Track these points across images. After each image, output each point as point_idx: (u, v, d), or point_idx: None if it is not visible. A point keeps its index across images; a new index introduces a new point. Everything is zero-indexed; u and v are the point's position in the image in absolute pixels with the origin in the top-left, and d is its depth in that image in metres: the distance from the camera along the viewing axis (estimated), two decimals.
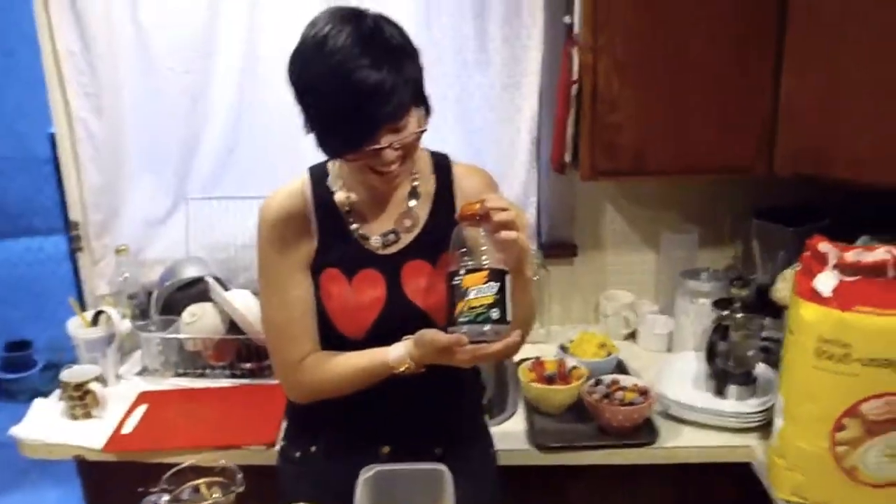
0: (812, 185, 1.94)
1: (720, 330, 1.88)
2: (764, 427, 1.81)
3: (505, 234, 1.25)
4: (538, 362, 1.98)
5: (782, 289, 1.84)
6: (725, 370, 1.90)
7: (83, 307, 2.28)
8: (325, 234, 1.44)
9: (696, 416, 1.87)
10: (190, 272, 2.22)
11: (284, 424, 1.64)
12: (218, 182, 2.31)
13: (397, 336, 1.39)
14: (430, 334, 1.33)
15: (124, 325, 2.15)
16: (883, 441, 1.48)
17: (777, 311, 1.97)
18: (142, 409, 1.98)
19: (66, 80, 2.16)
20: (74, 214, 2.31)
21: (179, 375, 2.13)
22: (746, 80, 1.88)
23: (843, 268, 1.49)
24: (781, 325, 1.88)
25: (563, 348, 2.12)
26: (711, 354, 1.90)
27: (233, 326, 2.11)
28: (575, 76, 1.88)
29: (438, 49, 2.13)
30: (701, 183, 2.27)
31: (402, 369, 1.38)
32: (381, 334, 1.42)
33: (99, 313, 2.10)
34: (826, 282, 1.49)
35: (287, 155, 2.24)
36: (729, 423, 1.84)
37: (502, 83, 2.15)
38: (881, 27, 1.69)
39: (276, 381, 2.05)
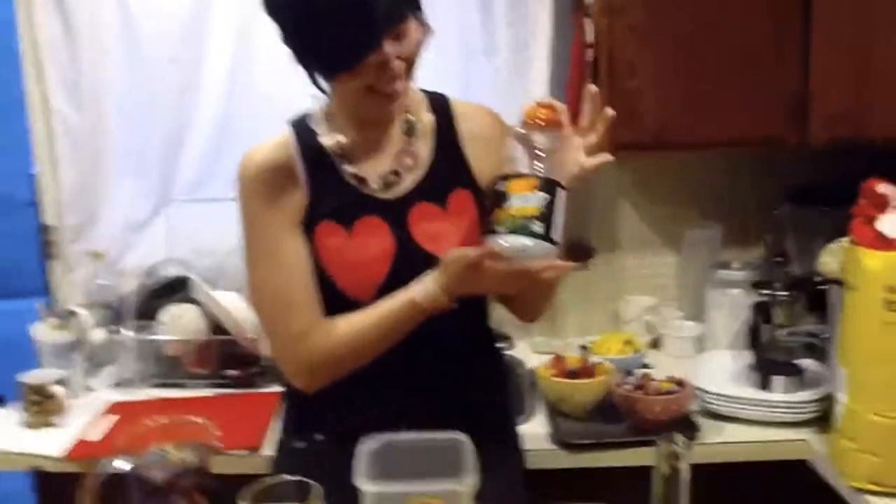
0: (841, 164, 1.80)
1: (762, 310, 1.69)
2: (818, 420, 1.60)
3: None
4: (558, 358, 1.77)
5: (829, 262, 1.66)
6: (770, 360, 1.70)
7: None
8: (315, 183, 1.25)
9: (740, 411, 1.66)
10: (171, 273, 2.03)
11: (282, 416, 1.42)
12: (203, 185, 2.14)
13: None
14: (458, 251, 1.15)
15: (97, 334, 1.95)
16: None
17: (821, 303, 1.79)
18: (112, 418, 1.75)
19: (44, 69, 2.03)
20: (49, 218, 2.13)
21: (157, 386, 1.91)
22: (776, 47, 1.77)
23: None
24: (826, 319, 1.71)
25: (584, 348, 1.91)
26: (754, 339, 1.70)
27: (216, 332, 1.91)
28: (590, 40, 1.75)
29: (444, 36, 2.02)
30: (724, 170, 2.11)
31: (437, 305, 1.17)
32: (396, 289, 1.21)
33: (68, 315, 1.90)
34: (891, 223, 1.32)
35: None
36: (778, 416, 1.64)
37: (509, 69, 2.03)
38: None
39: (265, 390, 1.89)
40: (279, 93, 2.06)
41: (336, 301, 1.24)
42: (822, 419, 1.57)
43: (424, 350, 1.23)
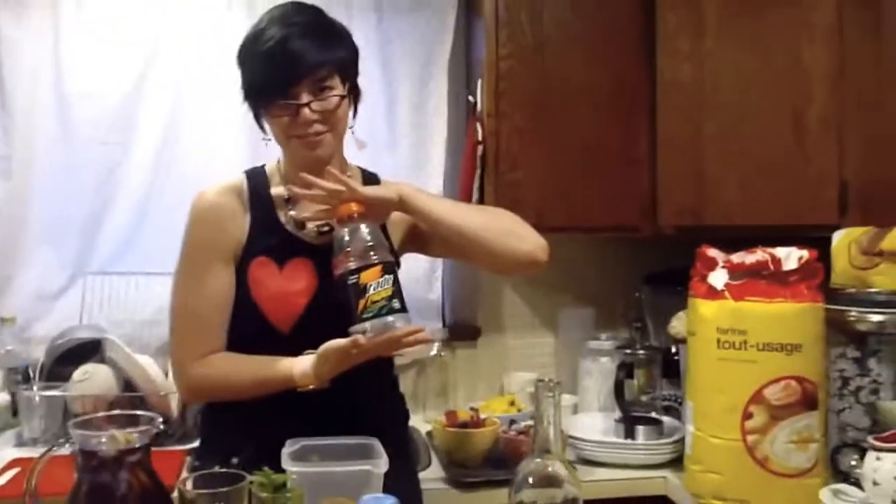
0: (689, 251, 2.16)
1: (625, 368, 1.96)
2: (675, 462, 1.84)
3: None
4: (450, 412, 1.96)
5: (677, 325, 1.97)
6: (633, 413, 1.95)
7: None
8: (257, 226, 1.46)
9: (608, 455, 1.89)
10: (84, 336, 2.10)
11: (196, 442, 1.54)
12: (121, 258, 2.27)
13: (325, 328, 1.36)
14: (333, 346, 1.32)
15: (2, 397, 1.98)
16: (787, 425, 1.56)
17: (675, 371, 2.09)
18: (13, 471, 1.78)
19: None
20: None
21: (62, 445, 1.93)
22: (627, 152, 2.14)
23: (730, 269, 1.64)
24: (680, 385, 2.00)
25: (474, 409, 2.10)
26: (619, 395, 1.95)
27: (127, 390, 1.99)
28: (480, 138, 2.08)
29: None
30: (593, 259, 2.45)
31: (307, 386, 1.36)
32: (311, 322, 1.41)
33: None
34: (718, 278, 1.64)
35: None
36: (641, 458, 1.87)
37: (410, 162, 2.32)
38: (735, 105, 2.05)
39: (173, 448, 1.96)
40: (201, 177, 2.27)
41: (259, 327, 1.41)
42: (678, 461, 1.81)
43: (340, 387, 1.38)
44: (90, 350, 2.08)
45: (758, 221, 2.02)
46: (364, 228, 1.34)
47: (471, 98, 2.22)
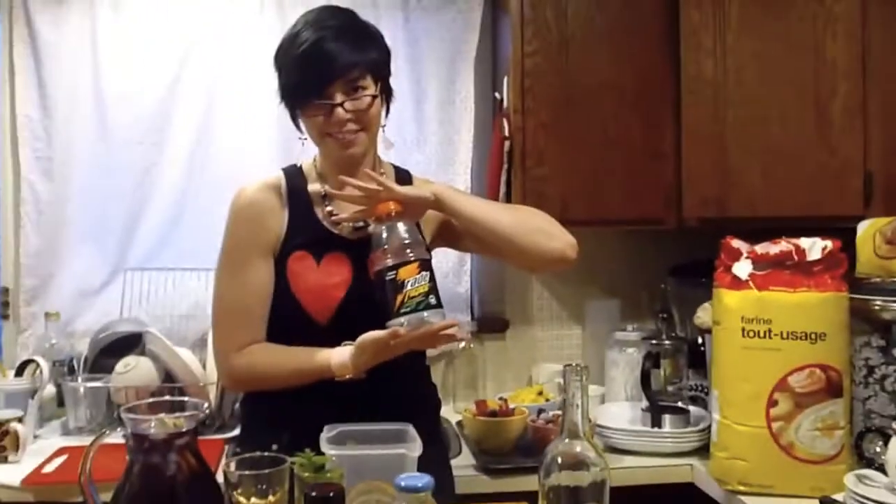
0: (714, 243, 2.19)
1: (651, 358, 1.99)
2: (702, 450, 1.87)
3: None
4: (480, 401, 2.01)
5: (702, 316, 2.00)
6: (660, 402, 1.98)
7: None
8: (295, 222, 1.51)
9: (636, 443, 1.92)
10: (125, 330, 2.18)
11: (234, 431, 1.60)
12: (158, 255, 2.35)
13: (361, 319, 1.41)
14: (371, 337, 1.37)
15: (48, 388, 2.07)
16: (812, 413, 1.59)
17: (701, 361, 2.11)
18: (62, 458, 1.85)
19: (19, 144, 2.24)
20: (6, 280, 2.27)
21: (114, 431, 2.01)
22: (651, 145, 2.17)
23: (754, 260, 1.67)
24: (707, 375, 2.02)
25: (503, 399, 2.15)
26: (645, 385, 1.99)
27: (167, 382, 2.06)
28: (507, 134, 2.12)
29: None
30: (619, 252, 2.48)
31: (343, 376, 1.41)
32: (347, 313, 1.46)
33: (26, 364, 2.02)
34: (742, 268, 1.66)
35: None
36: (667, 446, 1.90)
37: (438, 158, 2.37)
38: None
39: (212, 437, 2.03)
40: (234, 175, 2.34)
41: (298, 319, 1.47)
42: (704, 449, 1.84)
43: (375, 377, 1.44)
44: (131, 343, 2.15)
45: (782, 213, 2.05)
46: (401, 226, 1.39)
47: (497, 95, 2.26)
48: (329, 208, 1.53)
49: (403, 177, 1.63)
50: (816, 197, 2.02)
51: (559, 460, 1.08)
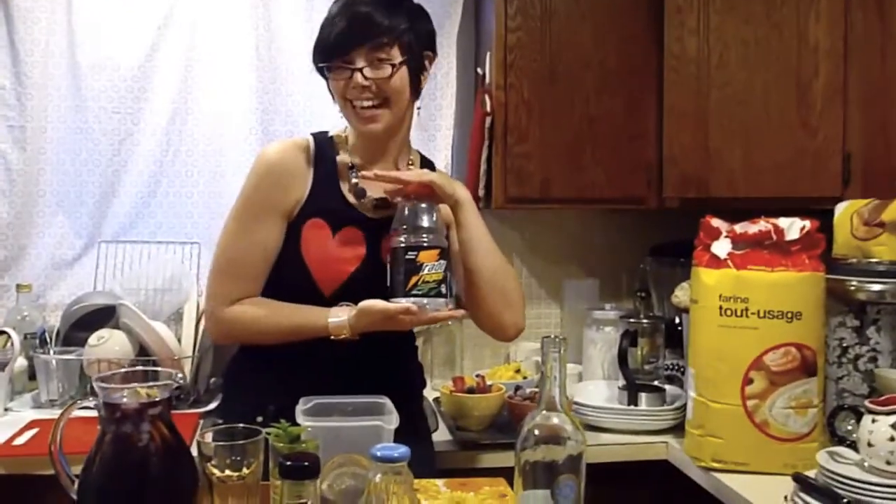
0: (693, 223, 2.19)
1: (629, 336, 1.99)
2: (677, 428, 1.88)
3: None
4: (457, 378, 2.01)
5: (680, 295, 2.01)
6: (637, 381, 1.99)
7: None
8: (318, 189, 1.50)
9: (612, 421, 1.93)
10: (99, 302, 2.15)
11: (208, 405, 1.58)
12: (133, 227, 2.31)
13: (365, 297, 1.42)
14: (379, 304, 1.39)
15: (20, 361, 2.03)
16: (786, 391, 1.60)
17: (678, 341, 2.12)
18: (33, 431, 1.83)
19: None
20: None
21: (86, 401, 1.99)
22: (634, 124, 2.17)
23: (733, 239, 1.68)
24: (683, 354, 2.03)
25: (480, 376, 2.15)
26: (622, 363, 1.99)
27: (141, 355, 2.04)
28: (488, 110, 2.10)
29: None
30: (598, 230, 2.48)
31: (339, 335, 1.42)
32: (352, 290, 1.46)
33: None
34: (721, 247, 1.67)
35: (208, 200, 2.31)
36: (643, 424, 1.91)
37: (420, 136, 2.35)
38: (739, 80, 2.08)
39: (186, 411, 2.01)
40: (211, 147, 2.31)
41: (303, 286, 1.47)
42: (680, 427, 1.85)
43: (368, 348, 1.45)
44: (105, 316, 2.13)
45: (762, 193, 2.06)
46: (430, 211, 1.41)
47: (479, 70, 2.24)
48: (354, 181, 1.52)
49: (428, 167, 1.63)
50: (796, 178, 2.03)
51: (536, 433, 1.07)
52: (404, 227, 1.40)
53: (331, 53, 1.45)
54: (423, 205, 1.42)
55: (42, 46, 2.19)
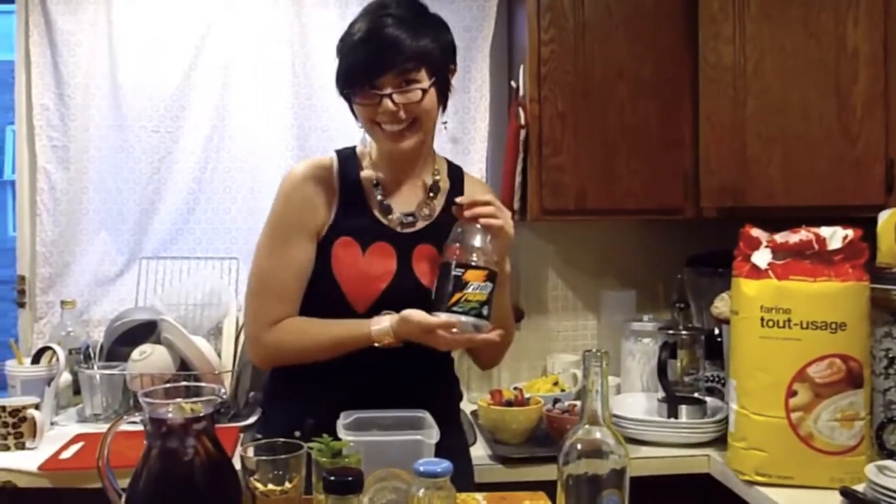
0: (731, 234, 2.17)
1: (668, 348, 1.97)
2: (718, 441, 1.86)
3: (495, 221, 1.42)
4: (496, 391, 2.00)
5: (720, 306, 1.98)
6: (676, 392, 1.97)
7: None
8: (345, 207, 1.51)
9: (652, 434, 1.91)
10: (141, 318, 2.18)
11: (249, 419, 1.60)
12: (173, 243, 2.35)
13: (398, 311, 1.42)
14: (419, 315, 1.39)
15: (64, 376, 2.07)
16: (832, 403, 1.57)
17: (718, 352, 2.10)
18: (78, 445, 1.86)
19: (35, 133, 2.24)
20: (22, 268, 2.28)
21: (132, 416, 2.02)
22: (669, 134, 2.16)
23: (774, 249, 1.65)
24: (724, 366, 2.01)
25: (518, 388, 2.14)
26: (662, 375, 1.97)
27: (182, 370, 2.06)
28: (522, 122, 2.10)
29: None
30: (635, 242, 2.46)
31: (383, 342, 1.42)
32: (386, 305, 1.46)
33: (42, 351, 2.02)
34: (762, 257, 1.65)
35: (246, 216, 2.34)
36: (684, 437, 1.89)
37: (454, 147, 2.36)
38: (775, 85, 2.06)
39: (227, 425, 2.03)
40: (248, 164, 2.35)
41: (337, 304, 1.47)
42: (721, 440, 1.83)
43: (399, 364, 1.45)
44: (147, 331, 2.16)
45: (801, 202, 2.02)
46: (486, 235, 1.41)
47: (513, 83, 2.25)
48: (380, 198, 1.52)
49: (456, 173, 1.63)
50: (837, 186, 1.99)
51: (578, 447, 1.07)
52: (457, 243, 1.41)
53: (358, 81, 1.43)
54: (479, 226, 1.41)
55: (84, 68, 2.25)
